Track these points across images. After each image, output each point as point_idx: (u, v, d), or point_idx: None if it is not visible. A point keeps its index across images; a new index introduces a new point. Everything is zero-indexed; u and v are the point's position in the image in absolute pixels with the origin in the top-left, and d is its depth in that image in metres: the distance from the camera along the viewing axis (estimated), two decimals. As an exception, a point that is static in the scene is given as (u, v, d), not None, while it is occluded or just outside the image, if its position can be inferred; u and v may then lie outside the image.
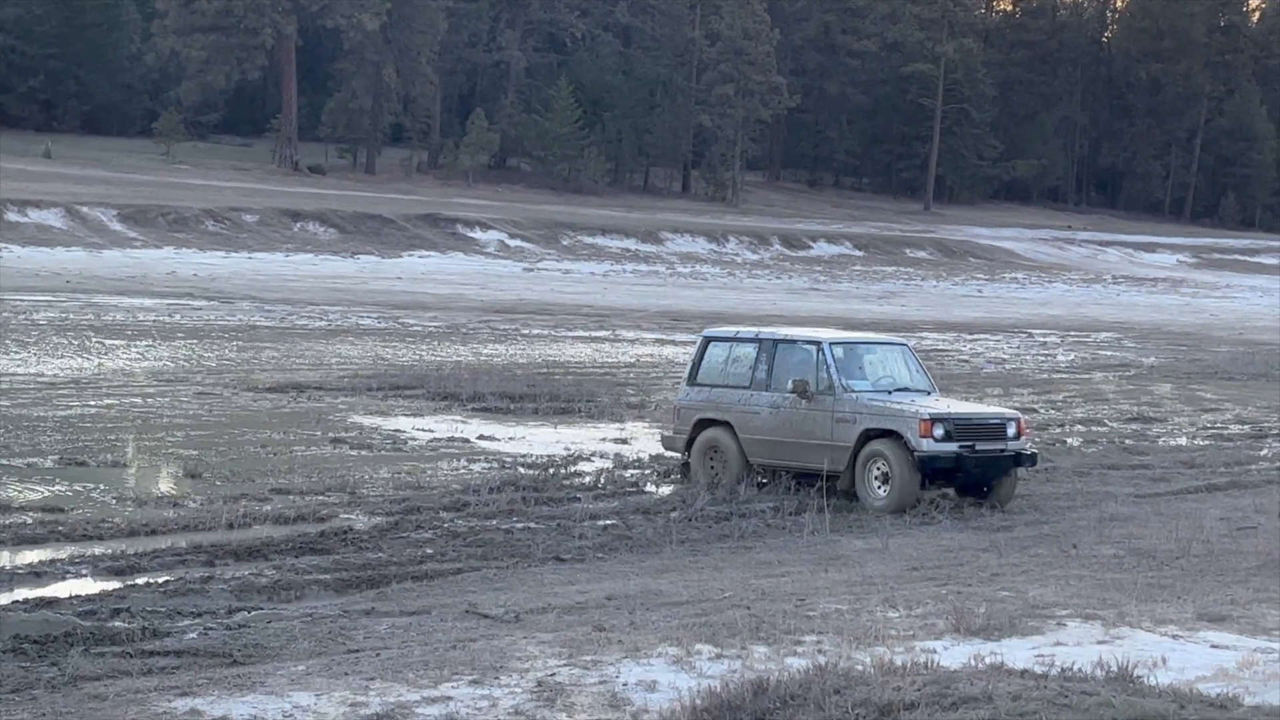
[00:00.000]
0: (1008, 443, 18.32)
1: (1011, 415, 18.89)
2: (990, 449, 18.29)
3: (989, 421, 18.53)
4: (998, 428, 18.42)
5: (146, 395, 25.54)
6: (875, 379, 18.97)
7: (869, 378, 18.94)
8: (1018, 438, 18.42)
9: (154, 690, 10.50)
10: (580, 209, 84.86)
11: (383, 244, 65.38)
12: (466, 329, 39.73)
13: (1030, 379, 34.78)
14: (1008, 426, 18.47)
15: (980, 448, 18.23)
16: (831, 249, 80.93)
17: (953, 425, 18.14)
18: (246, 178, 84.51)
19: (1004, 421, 18.58)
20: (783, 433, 18.92)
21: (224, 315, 39.96)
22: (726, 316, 48.00)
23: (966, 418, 18.42)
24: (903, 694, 9.35)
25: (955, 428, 18.16)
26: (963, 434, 18.18)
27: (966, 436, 18.21)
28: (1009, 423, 18.56)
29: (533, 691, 10.61)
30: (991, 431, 18.35)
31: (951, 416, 18.28)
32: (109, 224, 61.02)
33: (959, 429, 18.18)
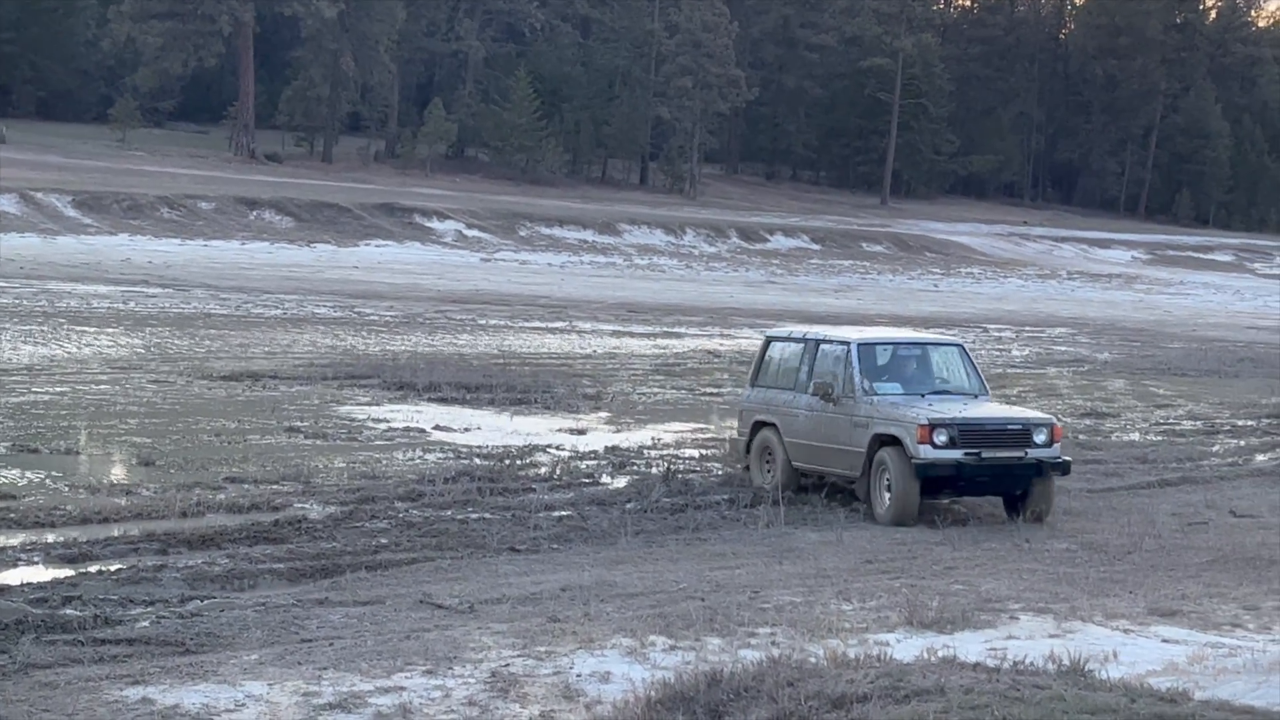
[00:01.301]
0: (1030, 449, 17.15)
1: (1041, 420, 17.64)
2: (1003, 456, 17.11)
3: (1006, 427, 17.31)
4: (1019, 434, 17.24)
5: (100, 382, 25.40)
6: (911, 381, 17.95)
7: (903, 380, 17.95)
8: (1049, 444, 17.25)
9: (106, 679, 10.47)
10: (538, 200, 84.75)
11: (339, 233, 65.16)
12: (423, 319, 39.64)
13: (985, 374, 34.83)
14: (1034, 432, 17.30)
15: (988, 455, 17.07)
16: (789, 242, 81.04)
17: (957, 431, 17.00)
18: (202, 165, 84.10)
19: (1028, 427, 17.37)
20: (815, 436, 18.28)
21: (179, 303, 39.78)
22: (683, 309, 48.02)
23: (976, 422, 17.21)
24: (856, 686, 9.38)
25: (960, 433, 17.02)
26: (969, 440, 17.03)
27: (973, 443, 17.06)
28: (1037, 428, 17.38)
29: (486, 682, 10.60)
30: (1008, 438, 17.18)
31: (957, 421, 17.07)
32: (63, 210, 60.63)
33: (965, 435, 17.04)
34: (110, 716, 9.62)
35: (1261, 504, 19.27)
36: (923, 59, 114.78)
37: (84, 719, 9.54)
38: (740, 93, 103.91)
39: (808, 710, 9.10)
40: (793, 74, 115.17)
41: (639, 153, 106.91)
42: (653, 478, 19.15)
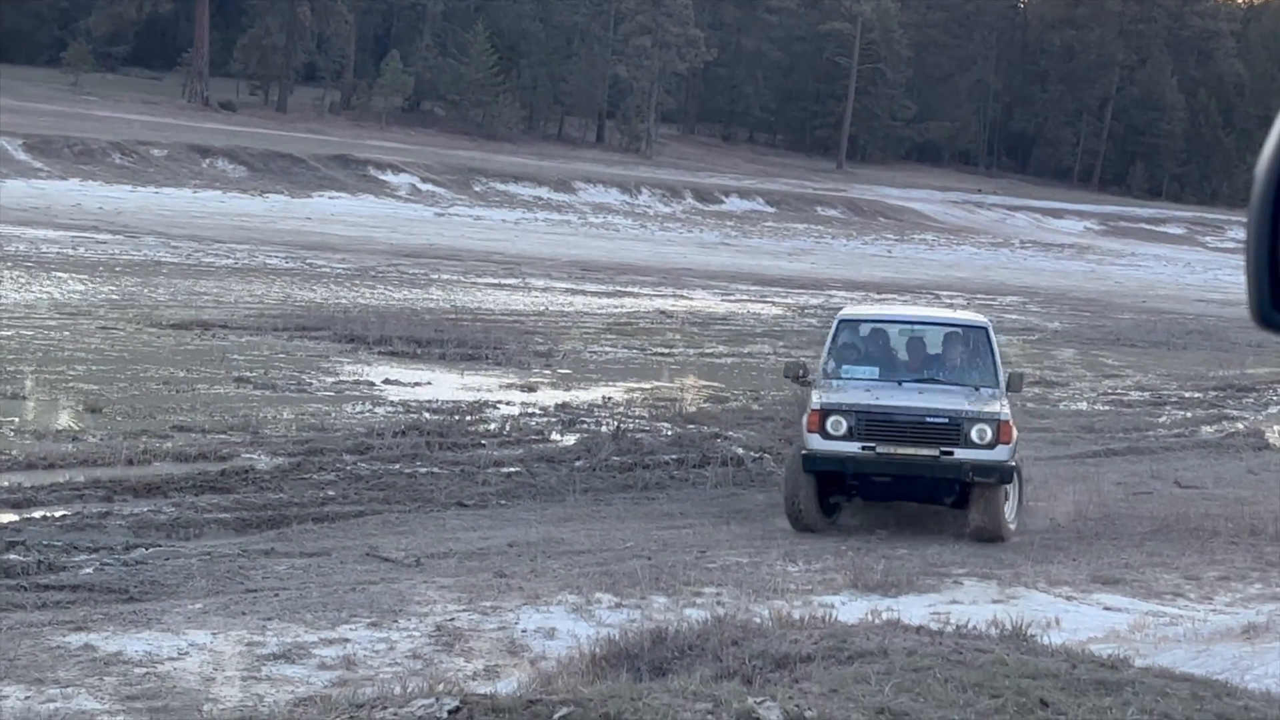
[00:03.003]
0: (959, 449, 14.40)
1: (981, 414, 14.54)
2: (907, 454, 14.50)
3: (925, 419, 14.52)
4: (942, 429, 14.48)
5: (48, 328, 25.23)
6: (895, 365, 15.45)
7: (886, 362, 15.45)
8: (993, 445, 14.41)
9: (48, 624, 10.42)
10: (493, 155, 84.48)
11: (292, 183, 64.81)
12: (375, 272, 39.50)
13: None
14: (969, 429, 14.48)
15: (887, 451, 14.52)
16: (743, 204, 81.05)
17: (855, 419, 14.45)
18: (156, 111, 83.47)
19: (959, 421, 14.48)
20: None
21: (129, 250, 39.51)
22: (636, 268, 47.98)
23: (883, 411, 14.57)
24: (800, 646, 9.42)
25: (860, 423, 14.47)
26: (871, 432, 14.49)
27: (875, 435, 14.51)
28: (974, 424, 14.50)
29: (431, 635, 10.61)
30: (925, 433, 14.46)
31: (857, 408, 14.53)
32: (13, 153, 60.09)
33: (867, 425, 14.48)
34: (52, 662, 9.58)
35: (1206, 475, 19.43)
36: (882, 24, 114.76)
37: (25, 664, 9.49)
38: (699, 53, 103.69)
39: (751, 669, 9.13)
40: (752, 35, 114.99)
41: (596, 111, 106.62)
42: (602, 436, 19.16)
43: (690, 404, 22.67)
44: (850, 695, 8.52)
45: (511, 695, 8.39)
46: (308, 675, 9.62)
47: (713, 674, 9.08)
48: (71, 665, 9.56)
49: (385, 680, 9.32)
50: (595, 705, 8.10)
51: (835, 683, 8.75)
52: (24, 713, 8.59)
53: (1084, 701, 8.61)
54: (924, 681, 8.73)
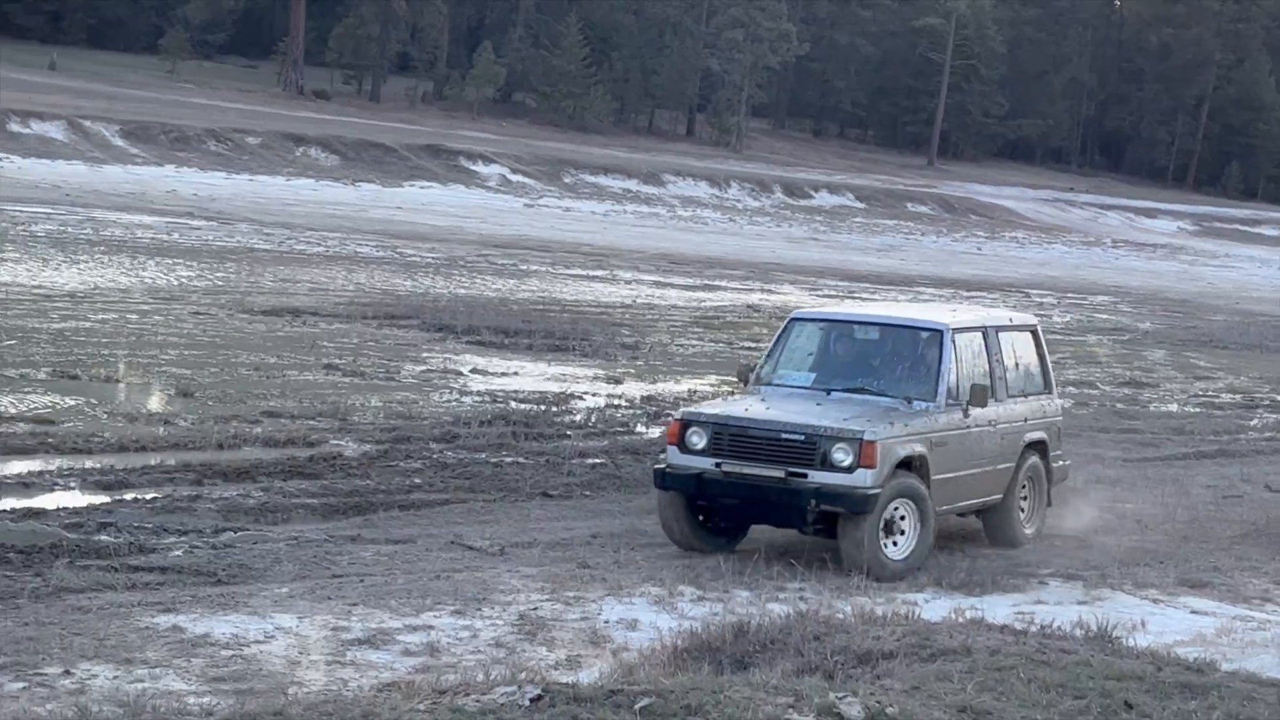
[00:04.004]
0: (814, 471, 12.55)
1: (842, 432, 12.58)
2: (752, 474, 12.73)
3: (780, 435, 12.71)
4: (797, 447, 12.64)
5: (142, 312, 25.52)
6: (838, 371, 13.78)
7: (829, 368, 13.85)
8: (853, 468, 12.50)
9: (137, 605, 10.55)
10: (584, 147, 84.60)
11: (384, 173, 65.19)
12: (465, 262, 39.67)
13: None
14: (828, 448, 12.53)
15: (734, 469, 12.82)
16: (833, 199, 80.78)
17: (712, 432, 12.93)
18: (250, 99, 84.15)
19: (815, 438, 12.59)
20: None
21: (223, 236, 39.88)
22: (724, 262, 47.94)
23: (738, 424, 12.88)
24: (882, 643, 9.41)
25: (716, 436, 12.92)
26: (724, 447, 12.88)
27: (728, 451, 12.87)
28: (833, 442, 12.54)
29: (514, 624, 10.66)
30: (777, 450, 12.69)
31: (715, 420, 12.98)
32: (111, 139, 60.78)
33: (722, 439, 12.90)
34: (140, 643, 9.70)
35: (1297, 480, 19.19)
36: (976, 20, 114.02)
37: (114, 644, 9.62)
38: (791, 47, 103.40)
39: (833, 665, 9.12)
40: (845, 30, 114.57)
41: (687, 104, 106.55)
42: (688, 429, 19.12)
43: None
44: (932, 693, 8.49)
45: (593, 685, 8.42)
46: (392, 661, 9.69)
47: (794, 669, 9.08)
48: (160, 646, 9.68)
49: (468, 668, 9.38)
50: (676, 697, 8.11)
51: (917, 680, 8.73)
52: (112, 692, 8.72)
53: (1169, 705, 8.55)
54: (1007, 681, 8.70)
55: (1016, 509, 14.44)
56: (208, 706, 8.41)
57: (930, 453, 13.09)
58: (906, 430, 12.97)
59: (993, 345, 14.15)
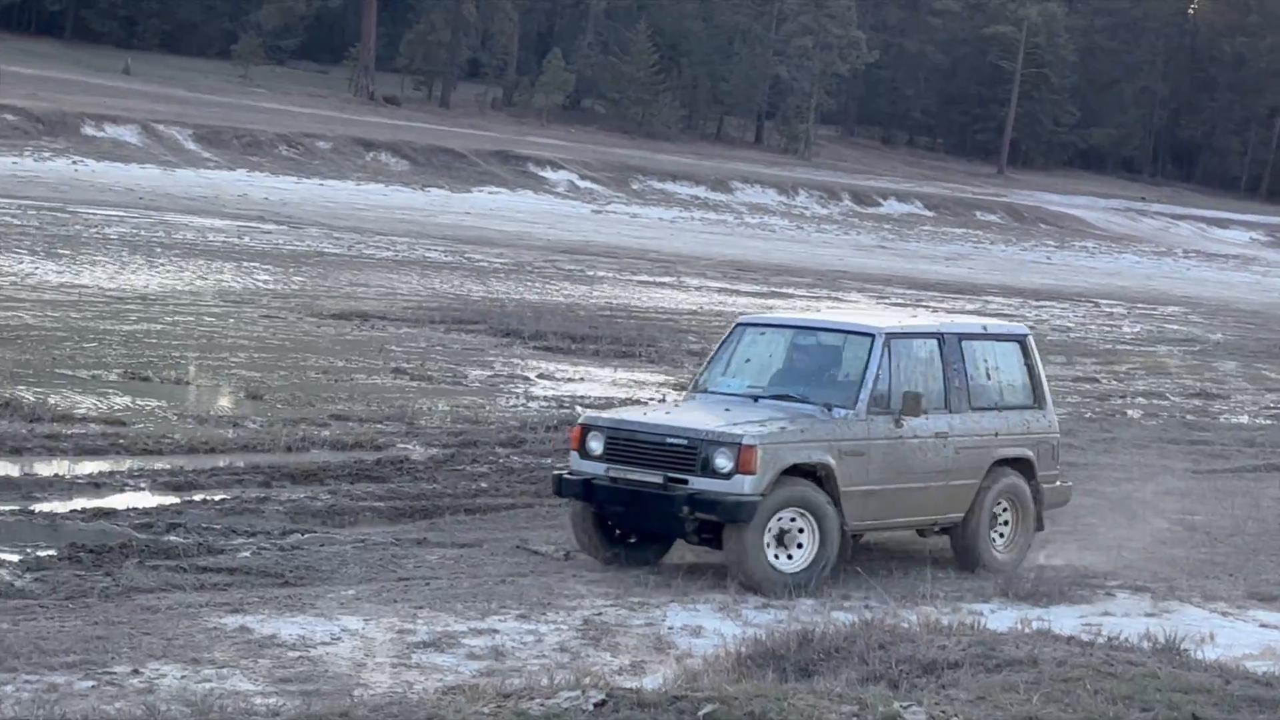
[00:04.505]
0: (696, 477, 12.04)
1: (726, 437, 12.03)
2: (634, 480, 12.31)
3: (665, 440, 12.25)
4: (678, 451, 12.15)
5: (212, 315, 25.72)
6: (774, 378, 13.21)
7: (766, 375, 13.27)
8: (731, 474, 11.94)
9: (205, 605, 10.64)
10: (652, 154, 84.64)
11: (453, 178, 65.44)
12: (532, 267, 39.78)
13: (1094, 349, 34.58)
14: (709, 453, 12.02)
15: (620, 474, 12.39)
16: (901, 207, 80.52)
17: (606, 437, 12.51)
18: (322, 105, 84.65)
19: (695, 443, 12.11)
20: None
21: (293, 240, 40.14)
22: (791, 269, 47.86)
23: (629, 428, 12.48)
24: (948, 653, 9.37)
25: (610, 441, 12.48)
26: (617, 452, 12.45)
27: (618, 456, 12.44)
28: (713, 447, 12.03)
29: (579, 629, 10.69)
30: (660, 455, 12.22)
31: (608, 425, 12.61)
32: (184, 143, 61.28)
33: (615, 443, 12.46)
34: (208, 643, 9.78)
35: (1370, 494, 18.99)
36: (1047, 28, 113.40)
37: (183, 644, 9.70)
38: (860, 55, 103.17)
39: (898, 674, 9.09)
40: (914, 38, 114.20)
41: (755, 111, 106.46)
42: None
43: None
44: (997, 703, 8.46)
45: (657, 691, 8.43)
46: (456, 664, 9.73)
47: (859, 677, 9.06)
48: (227, 646, 9.75)
49: (533, 672, 9.40)
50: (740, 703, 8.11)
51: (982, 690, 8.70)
52: (180, 691, 8.79)
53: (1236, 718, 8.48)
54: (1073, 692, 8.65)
55: (984, 531, 13.46)
56: (274, 707, 8.47)
57: (840, 462, 12.39)
58: (802, 437, 12.30)
59: (951, 354, 13.33)
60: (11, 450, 15.19)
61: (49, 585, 10.94)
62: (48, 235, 34.65)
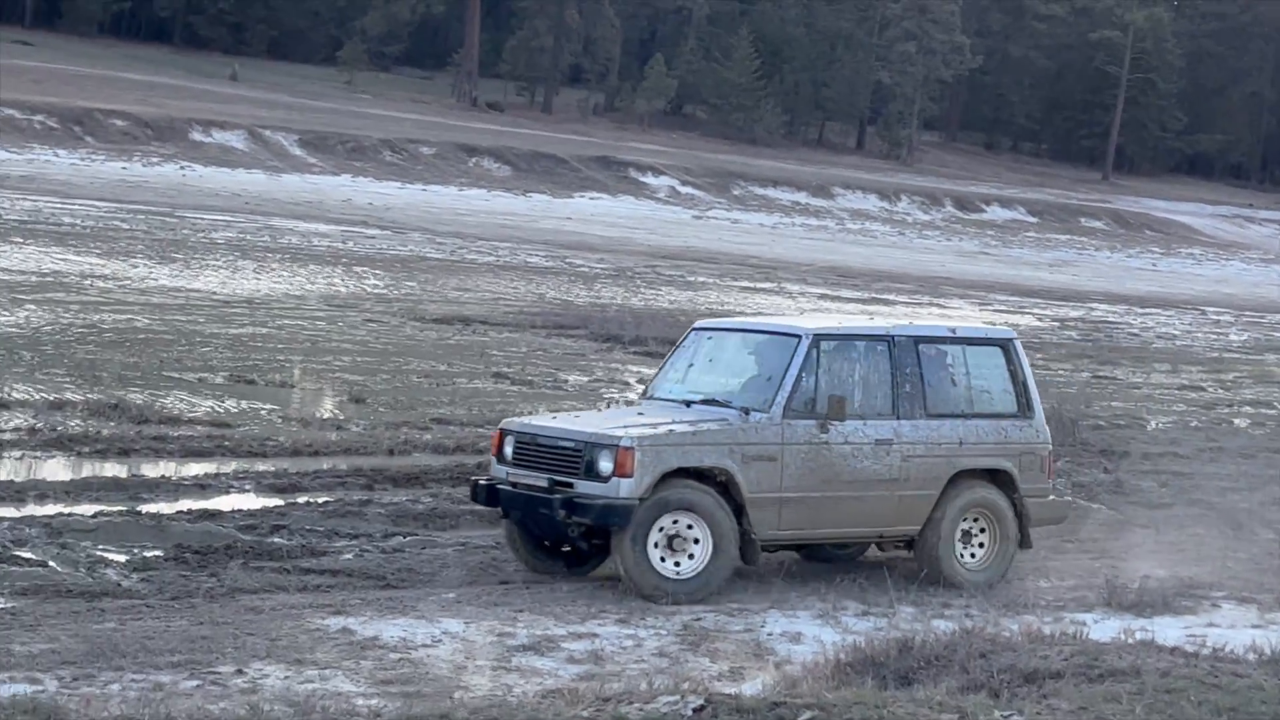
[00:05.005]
0: (584, 480, 11.69)
1: (607, 440, 11.70)
2: (527, 484, 12.02)
3: (559, 443, 11.95)
4: (568, 454, 11.84)
5: (316, 319, 25.96)
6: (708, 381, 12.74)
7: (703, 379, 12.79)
8: (609, 477, 11.57)
9: (308, 607, 10.74)
10: (753, 159, 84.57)
11: (555, 183, 65.70)
12: (633, 272, 39.85)
13: (1200, 356, 34.17)
14: (593, 455, 11.68)
15: (519, 478, 12.11)
16: (1005, 213, 79.95)
17: (515, 442, 12.23)
18: (425, 110, 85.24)
19: (582, 446, 11.78)
20: None
21: (396, 245, 40.44)
22: (893, 275, 47.65)
23: (531, 432, 12.21)
24: (1049, 662, 9.30)
25: (520, 445, 12.20)
26: (518, 457, 12.19)
27: (519, 462, 12.19)
28: (599, 450, 11.67)
29: (678, 635, 10.70)
30: (555, 459, 11.92)
31: (517, 430, 12.29)
32: (289, 149, 61.91)
33: (523, 449, 12.18)
34: (311, 644, 9.87)
35: None
36: (1154, 33, 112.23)
37: (286, 645, 9.80)
38: (964, 60, 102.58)
39: (999, 683, 9.04)
40: (1019, 43, 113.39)
41: (857, 117, 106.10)
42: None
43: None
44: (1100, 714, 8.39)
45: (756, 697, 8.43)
46: (556, 668, 9.77)
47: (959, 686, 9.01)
48: (329, 647, 9.85)
49: (632, 676, 9.42)
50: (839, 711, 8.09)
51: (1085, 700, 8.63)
52: (283, 692, 8.88)
53: (1344, 733, 8.37)
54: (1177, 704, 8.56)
55: (945, 547, 12.69)
56: (375, 708, 8.54)
57: (744, 467, 11.87)
58: (694, 439, 11.81)
59: (904, 358, 12.62)
60: (120, 452, 15.41)
61: (155, 585, 11.09)
62: (156, 240, 35.12)
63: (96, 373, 19.05)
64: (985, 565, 12.91)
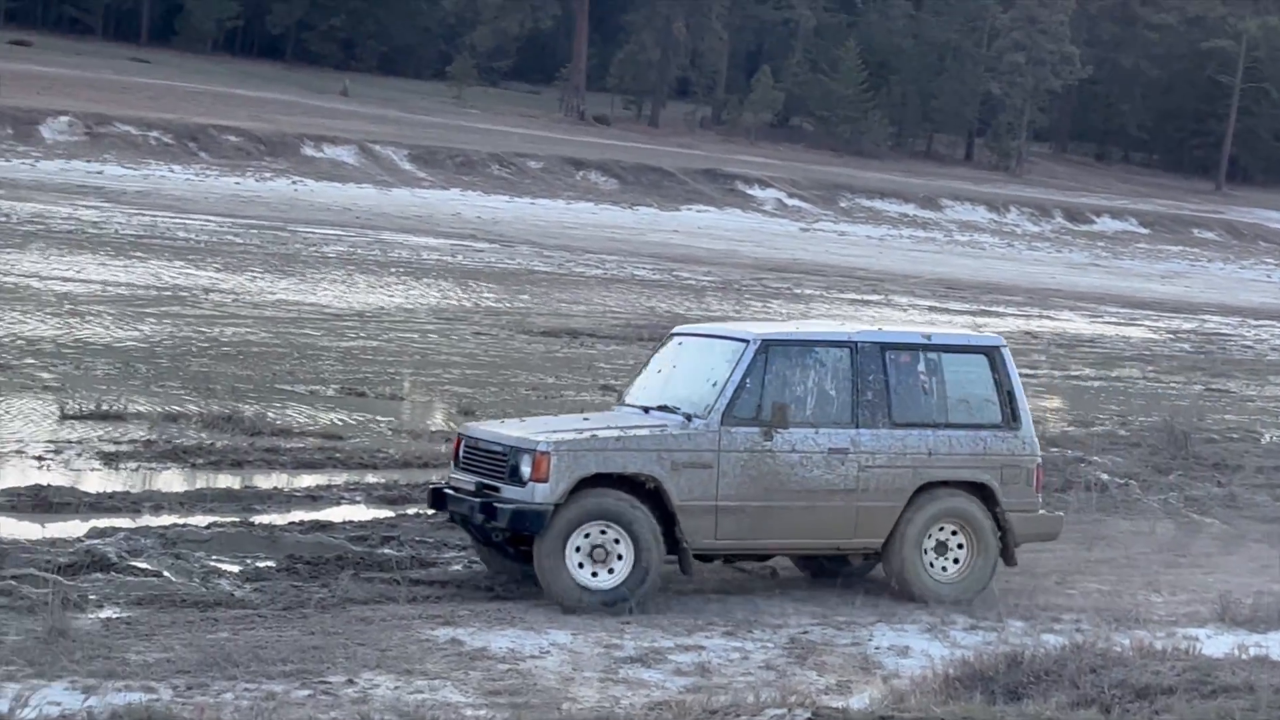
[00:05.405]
0: (509, 484, 11.56)
1: (527, 443, 11.55)
2: (465, 489, 11.97)
3: (494, 447, 11.83)
4: (497, 458, 11.72)
5: (426, 332, 26.16)
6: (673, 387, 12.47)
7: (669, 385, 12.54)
8: (525, 482, 11.43)
9: (418, 618, 10.83)
10: (860, 171, 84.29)
11: (662, 196, 65.80)
12: (740, 285, 39.83)
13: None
14: (517, 459, 11.52)
15: (458, 482, 12.10)
16: (1115, 225, 79.16)
17: (464, 446, 12.17)
18: (533, 125, 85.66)
19: (508, 450, 11.64)
20: None
21: (504, 258, 40.67)
22: (1001, 287, 47.32)
23: (473, 438, 12.12)
24: (1161, 678, 9.21)
25: (467, 449, 12.14)
26: (464, 463, 12.12)
27: (464, 467, 12.12)
28: (521, 454, 11.51)
29: (785, 648, 10.69)
30: (491, 464, 11.82)
31: (467, 435, 12.27)
32: (399, 163, 62.42)
33: (470, 455, 12.10)
34: (421, 654, 9.96)
35: None
36: (1268, 42, 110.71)
37: (396, 655, 9.89)
38: (1074, 70, 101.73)
39: (1110, 698, 8.96)
40: (1130, 53, 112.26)
41: (966, 128, 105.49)
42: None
43: (1053, 426, 22.26)
44: (1212, 731, 8.30)
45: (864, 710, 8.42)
46: (663, 680, 9.79)
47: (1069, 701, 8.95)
48: (439, 658, 9.93)
49: (739, 689, 9.43)
50: (947, 725, 8.06)
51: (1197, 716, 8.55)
52: (393, 702, 8.96)
53: None
54: (1291, 721, 8.46)
55: (913, 560, 12.24)
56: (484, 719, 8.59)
57: (675, 474, 11.61)
58: (618, 445, 11.58)
59: (867, 365, 12.21)
60: (233, 463, 15.62)
61: (268, 595, 11.23)
62: (268, 254, 35.55)
63: (211, 385, 19.31)
64: (959, 579, 12.42)
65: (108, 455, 15.54)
